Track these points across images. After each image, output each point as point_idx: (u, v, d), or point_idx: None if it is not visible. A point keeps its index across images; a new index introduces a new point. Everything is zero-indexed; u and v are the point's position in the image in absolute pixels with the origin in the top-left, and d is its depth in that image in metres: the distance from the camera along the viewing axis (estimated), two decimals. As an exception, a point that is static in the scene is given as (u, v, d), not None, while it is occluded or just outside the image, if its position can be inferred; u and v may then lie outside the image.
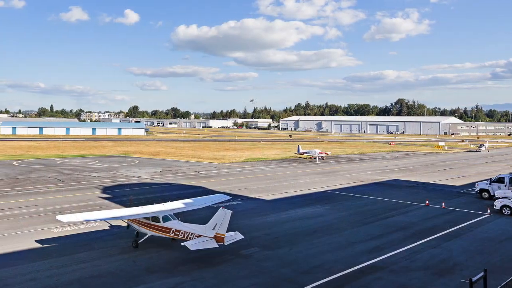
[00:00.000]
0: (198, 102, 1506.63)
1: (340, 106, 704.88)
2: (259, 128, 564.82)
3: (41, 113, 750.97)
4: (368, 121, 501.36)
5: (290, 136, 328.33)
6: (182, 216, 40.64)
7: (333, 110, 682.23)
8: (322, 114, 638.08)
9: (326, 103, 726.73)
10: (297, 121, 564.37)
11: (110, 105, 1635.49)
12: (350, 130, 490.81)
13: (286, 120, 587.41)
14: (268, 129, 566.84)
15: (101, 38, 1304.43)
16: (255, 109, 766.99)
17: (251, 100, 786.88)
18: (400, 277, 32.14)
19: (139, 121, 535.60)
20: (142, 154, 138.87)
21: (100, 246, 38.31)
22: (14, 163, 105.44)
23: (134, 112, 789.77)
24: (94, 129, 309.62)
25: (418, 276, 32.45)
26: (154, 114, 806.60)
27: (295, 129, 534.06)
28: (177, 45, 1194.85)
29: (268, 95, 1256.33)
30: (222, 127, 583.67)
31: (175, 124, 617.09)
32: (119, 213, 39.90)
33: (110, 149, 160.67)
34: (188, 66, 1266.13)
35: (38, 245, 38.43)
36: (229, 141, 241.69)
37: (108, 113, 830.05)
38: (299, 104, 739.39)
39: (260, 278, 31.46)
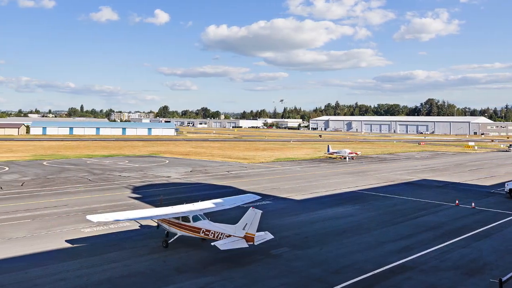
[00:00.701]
0: (228, 102, 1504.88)
1: (370, 106, 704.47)
2: (289, 128, 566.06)
3: (71, 113, 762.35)
4: (398, 121, 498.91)
5: (320, 136, 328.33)
6: (212, 216, 40.66)
7: (363, 110, 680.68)
8: (352, 114, 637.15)
9: (356, 103, 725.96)
10: (327, 121, 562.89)
11: (140, 105, 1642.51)
12: (380, 130, 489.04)
13: (316, 120, 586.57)
14: (298, 129, 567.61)
15: (131, 38, 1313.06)
16: (285, 109, 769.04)
17: (281, 100, 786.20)
18: (429, 277, 31.98)
19: (169, 121, 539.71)
20: (172, 154, 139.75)
21: (130, 246, 38.49)
22: (44, 163, 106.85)
23: (164, 112, 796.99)
24: (124, 129, 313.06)
25: (448, 276, 32.29)
26: (184, 114, 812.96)
27: (325, 129, 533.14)
28: (207, 45, 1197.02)
29: (298, 95, 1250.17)
30: (252, 127, 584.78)
31: (205, 124, 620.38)
32: (149, 213, 40.05)
33: (140, 149, 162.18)
34: (218, 66, 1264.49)
35: (68, 245, 38.73)
36: (259, 141, 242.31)
37: (138, 113, 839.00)
38: (329, 104, 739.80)
39: (290, 278, 31.35)
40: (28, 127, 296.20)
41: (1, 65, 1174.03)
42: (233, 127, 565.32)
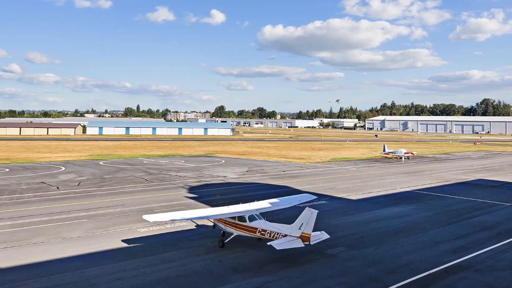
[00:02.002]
0: (284, 102, 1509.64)
1: (426, 106, 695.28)
2: (345, 128, 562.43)
3: (128, 113, 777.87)
4: (453, 121, 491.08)
5: (376, 136, 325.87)
6: (268, 215, 40.80)
7: (419, 110, 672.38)
8: (407, 114, 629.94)
9: (412, 103, 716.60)
10: (383, 121, 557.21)
11: (196, 105, 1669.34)
12: (436, 130, 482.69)
13: (372, 120, 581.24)
14: (354, 129, 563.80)
15: (187, 38, 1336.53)
16: (341, 109, 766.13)
17: (337, 100, 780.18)
18: (485, 277, 32.10)
19: (225, 121, 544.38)
20: (228, 154, 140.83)
21: (186, 246, 38.89)
22: (101, 163, 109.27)
23: (220, 112, 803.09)
24: (180, 129, 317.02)
25: (503, 275, 32.42)
26: (240, 114, 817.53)
27: (380, 129, 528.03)
28: (263, 45, 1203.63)
29: (353, 95, 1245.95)
30: (308, 127, 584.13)
31: (261, 124, 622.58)
32: (205, 213, 40.36)
33: (196, 148, 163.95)
34: (274, 66, 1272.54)
35: (125, 245, 39.43)
36: (315, 141, 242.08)
37: (195, 113, 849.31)
38: (384, 104, 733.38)
39: (346, 277, 31.49)
40: (84, 127, 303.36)
41: (58, 65, 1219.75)
42: (289, 127, 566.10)
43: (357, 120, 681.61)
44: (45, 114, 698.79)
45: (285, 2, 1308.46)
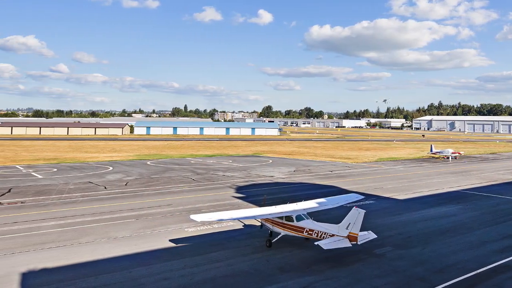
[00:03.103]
0: (331, 102, 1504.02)
1: (473, 106, 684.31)
2: (392, 128, 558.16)
3: (175, 113, 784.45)
4: (500, 120, 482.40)
5: (423, 135, 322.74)
6: (315, 215, 40.85)
7: (466, 110, 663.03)
8: (455, 114, 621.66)
9: (459, 103, 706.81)
10: (430, 121, 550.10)
11: (243, 105, 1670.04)
12: (483, 130, 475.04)
13: (419, 120, 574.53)
14: (401, 129, 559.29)
15: (235, 38, 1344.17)
16: (388, 109, 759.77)
17: (384, 100, 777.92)
18: None
19: (272, 121, 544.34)
20: (275, 154, 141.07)
21: (233, 246, 39.14)
22: (148, 162, 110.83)
23: (267, 112, 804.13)
24: (228, 129, 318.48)
25: None
26: (288, 114, 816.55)
27: (428, 128, 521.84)
28: (311, 45, 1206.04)
29: (401, 95, 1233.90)
30: (355, 127, 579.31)
31: (309, 124, 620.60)
32: (253, 213, 40.48)
33: (244, 148, 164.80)
34: (322, 66, 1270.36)
35: (172, 245, 39.85)
36: (362, 140, 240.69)
37: (242, 113, 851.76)
38: (431, 104, 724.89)
39: (393, 277, 31.69)
40: (132, 127, 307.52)
41: (105, 65, 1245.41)
42: (336, 127, 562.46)
43: (404, 120, 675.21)
44: (93, 114, 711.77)
45: (332, 2, 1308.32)
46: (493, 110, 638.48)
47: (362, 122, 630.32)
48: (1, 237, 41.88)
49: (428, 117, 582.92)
